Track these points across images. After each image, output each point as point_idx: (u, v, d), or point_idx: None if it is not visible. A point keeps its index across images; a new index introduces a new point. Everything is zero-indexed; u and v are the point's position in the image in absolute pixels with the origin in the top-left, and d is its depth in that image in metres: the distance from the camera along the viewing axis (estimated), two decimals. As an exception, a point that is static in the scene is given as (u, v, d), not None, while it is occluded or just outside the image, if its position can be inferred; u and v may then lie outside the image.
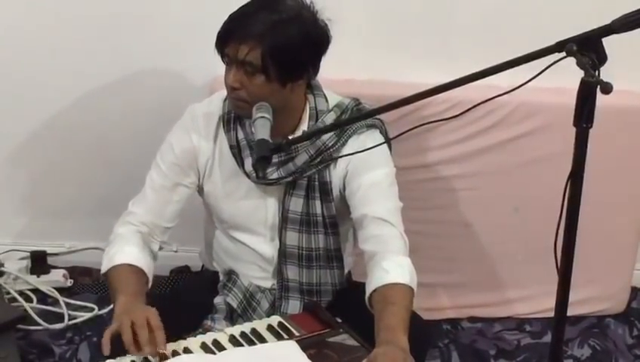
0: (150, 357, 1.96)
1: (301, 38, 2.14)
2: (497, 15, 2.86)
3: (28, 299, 2.98)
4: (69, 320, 2.90)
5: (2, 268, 3.06)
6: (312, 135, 2.19)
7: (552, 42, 1.62)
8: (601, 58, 1.61)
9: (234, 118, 2.29)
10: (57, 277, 3.09)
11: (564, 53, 1.61)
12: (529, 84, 1.69)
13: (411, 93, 1.85)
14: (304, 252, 2.34)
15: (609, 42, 1.61)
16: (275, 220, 2.34)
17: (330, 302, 2.39)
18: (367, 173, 2.24)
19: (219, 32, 2.16)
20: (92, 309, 2.93)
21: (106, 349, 1.97)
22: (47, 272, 3.10)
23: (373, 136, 2.27)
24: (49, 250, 3.15)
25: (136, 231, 2.27)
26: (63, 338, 2.82)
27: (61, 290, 3.02)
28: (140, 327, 1.97)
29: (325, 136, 2.24)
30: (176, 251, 3.04)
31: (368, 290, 2.14)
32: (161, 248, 2.35)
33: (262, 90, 2.15)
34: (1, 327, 2.51)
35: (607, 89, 1.56)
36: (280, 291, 2.38)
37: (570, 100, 1.63)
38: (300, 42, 2.14)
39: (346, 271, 2.44)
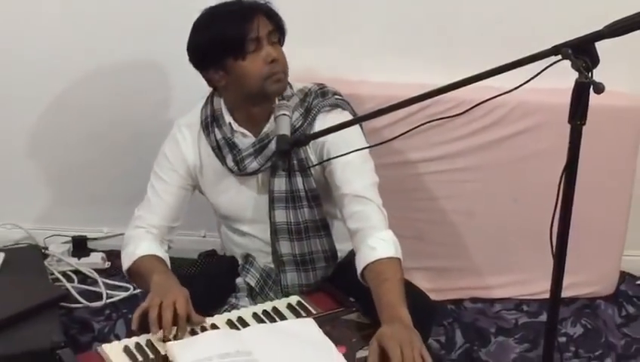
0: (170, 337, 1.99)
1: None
2: (498, 22, 2.86)
3: (70, 280, 3.01)
4: (107, 298, 2.93)
5: (46, 252, 3.09)
6: (323, 133, 2.15)
7: (548, 46, 1.63)
8: (594, 61, 1.61)
9: (211, 121, 2.32)
10: (96, 259, 3.13)
11: (559, 56, 1.62)
12: (527, 85, 1.69)
13: (419, 93, 1.86)
14: (293, 226, 2.33)
15: (601, 46, 1.62)
16: (265, 205, 2.34)
17: (332, 271, 2.40)
18: (340, 153, 2.18)
19: (234, 26, 2.17)
20: (127, 289, 2.95)
21: (135, 324, 2.01)
22: (87, 255, 3.14)
23: (342, 116, 2.26)
24: (89, 235, 3.18)
25: (146, 232, 2.31)
26: (102, 315, 2.85)
27: (99, 271, 3.06)
28: (166, 309, 1.99)
29: (292, 118, 2.22)
30: (204, 236, 3.06)
31: (359, 267, 2.15)
32: (169, 247, 2.37)
33: (284, 56, 2.24)
34: (45, 305, 2.53)
35: (599, 89, 1.57)
36: (277, 267, 2.38)
37: (564, 100, 1.64)
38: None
39: (344, 244, 2.41)
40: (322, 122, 2.24)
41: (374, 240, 2.14)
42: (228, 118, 2.31)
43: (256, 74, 2.20)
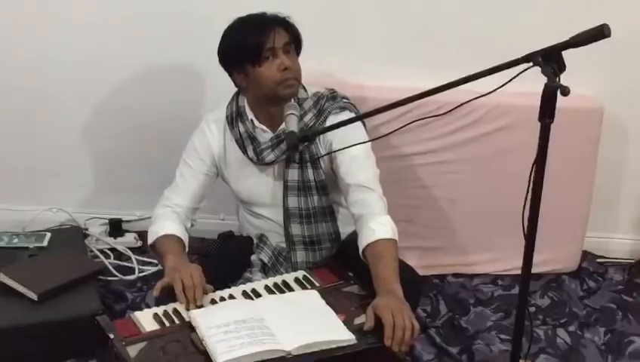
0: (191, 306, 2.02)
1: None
2: (478, 34, 2.86)
3: (106, 256, 3.00)
4: (139, 273, 2.92)
5: (87, 232, 3.09)
6: (329, 129, 2.19)
7: (521, 55, 1.63)
8: (561, 67, 1.62)
9: (235, 117, 2.33)
10: (130, 239, 3.12)
11: (531, 63, 1.62)
12: (502, 88, 1.70)
13: (410, 95, 1.87)
14: (303, 211, 2.33)
15: (567, 54, 1.62)
16: (280, 191, 2.34)
17: (335, 249, 2.40)
18: (347, 150, 2.21)
19: (253, 37, 2.19)
20: (156, 264, 2.94)
21: (156, 292, 2.05)
22: (121, 235, 3.13)
23: (347, 116, 2.25)
24: (123, 218, 3.17)
25: (172, 212, 2.31)
26: (134, 287, 2.84)
27: (132, 249, 3.05)
28: (189, 290, 2.02)
29: (306, 118, 2.27)
30: (223, 219, 3.06)
31: (361, 246, 2.16)
32: (192, 225, 2.37)
33: (298, 64, 2.25)
34: (86, 278, 2.54)
35: (565, 92, 1.58)
36: (288, 246, 2.38)
37: (535, 102, 1.64)
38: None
39: (347, 228, 2.42)
40: (332, 122, 2.24)
41: (374, 224, 2.15)
42: (250, 115, 2.32)
43: (271, 79, 2.20)
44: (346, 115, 2.28)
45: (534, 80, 1.64)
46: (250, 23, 2.24)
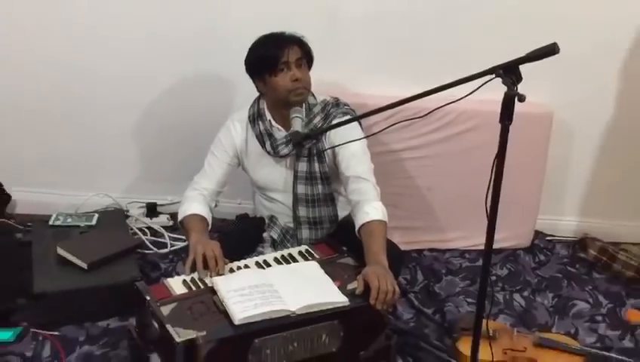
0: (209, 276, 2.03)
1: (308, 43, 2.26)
2: (451, 51, 2.85)
3: (144, 233, 2.99)
4: (170, 247, 2.92)
5: (127, 213, 3.09)
6: (327, 129, 2.21)
7: (485, 67, 1.63)
8: (519, 78, 1.61)
9: (256, 117, 2.33)
10: (163, 219, 3.11)
11: (494, 75, 1.62)
12: (470, 96, 1.70)
13: (394, 101, 1.87)
14: (309, 197, 2.34)
15: (524, 67, 1.61)
16: (290, 179, 2.34)
17: (334, 229, 2.39)
18: (347, 147, 2.23)
19: (271, 51, 2.20)
20: (185, 240, 2.93)
21: (188, 272, 2.06)
22: (156, 216, 3.12)
23: (352, 124, 2.24)
24: (158, 202, 3.16)
25: (199, 194, 2.31)
26: (166, 259, 2.84)
27: (165, 227, 3.04)
28: (210, 259, 2.03)
29: (315, 120, 2.29)
30: (239, 203, 3.05)
31: (357, 225, 2.18)
32: (216, 205, 2.37)
33: (308, 77, 2.26)
34: (127, 251, 2.54)
35: (522, 99, 1.57)
36: (295, 225, 2.38)
37: (496, 107, 1.64)
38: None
39: (344, 212, 2.42)
40: (339, 127, 2.24)
41: (369, 208, 2.16)
42: (268, 116, 2.32)
43: (284, 87, 2.21)
44: (347, 118, 2.28)
45: (495, 90, 1.64)
46: (271, 39, 2.24)
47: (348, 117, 2.28)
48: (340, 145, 2.21)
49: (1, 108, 3.00)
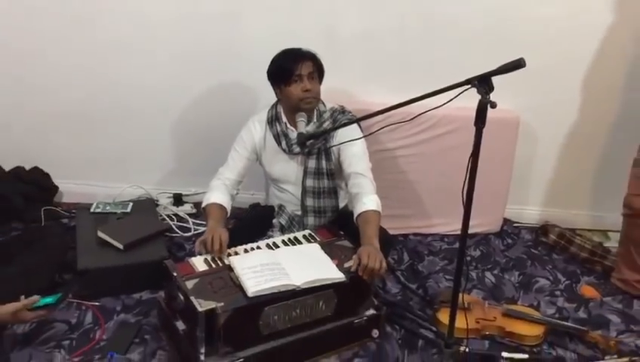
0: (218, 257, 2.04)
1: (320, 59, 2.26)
2: (433, 63, 2.84)
3: (171, 219, 2.98)
4: (194, 231, 2.91)
5: (157, 202, 3.07)
6: (328, 131, 2.22)
7: (462, 79, 1.62)
8: (491, 88, 1.61)
9: (274, 119, 2.33)
10: (187, 207, 3.09)
11: (469, 85, 1.61)
12: (449, 103, 1.69)
13: (385, 107, 1.86)
14: (316, 189, 2.34)
15: (495, 79, 1.60)
16: (301, 174, 2.34)
17: (335, 217, 2.39)
18: (350, 148, 2.25)
19: (287, 64, 2.20)
20: (206, 226, 2.93)
21: (197, 248, 2.07)
22: (182, 205, 3.11)
23: (353, 127, 2.25)
24: (183, 193, 3.15)
25: (222, 184, 2.30)
26: (190, 241, 2.83)
27: (189, 215, 3.03)
28: (215, 242, 2.04)
29: (325, 125, 2.29)
30: (252, 194, 3.04)
31: (355, 214, 2.18)
32: (237, 193, 2.37)
33: (318, 88, 2.26)
34: (156, 234, 2.53)
35: (494, 105, 1.57)
36: (302, 213, 2.38)
37: (471, 113, 1.63)
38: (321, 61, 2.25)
39: (343, 203, 2.43)
40: (342, 130, 2.25)
41: (366, 199, 2.17)
42: (284, 119, 2.32)
43: (295, 96, 2.21)
44: (352, 125, 2.26)
45: (471, 98, 1.64)
46: (288, 54, 2.24)
47: (355, 126, 2.27)
48: (345, 142, 2.20)
49: (45, 113, 2.99)
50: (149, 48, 2.87)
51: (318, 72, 2.26)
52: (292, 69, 2.19)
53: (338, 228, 2.28)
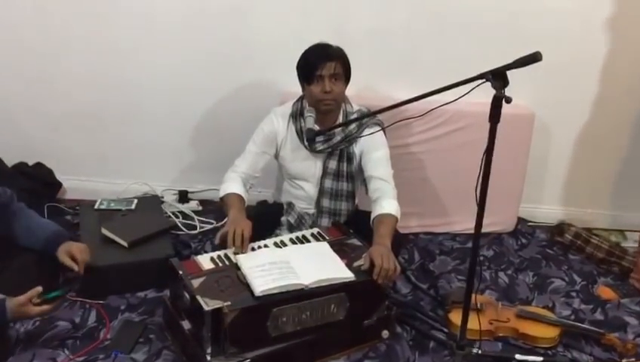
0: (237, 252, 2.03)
1: (347, 58, 2.23)
2: (447, 58, 2.83)
3: (177, 216, 2.99)
4: (200, 229, 2.91)
5: (163, 199, 3.07)
6: (336, 127, 2.22)
7: (475, 73, 1.62)
8: (506, 83, 1.60)
9: (299, 114, 2.31)
10: (193, 205, 3.10)
11: (484, 80, 1.61)
12: (462, 98, 1.69)
13: (397, 102, 1.86)
14: (334, 191, 2.34)
15: (510, 73, 1.60)
16: (319, 173, 2.34)
17: (347, 220, 2.39)
18: (375, 152, 2.27)
19: (310, 63, 2.19)
20: (212, 223, 2.95)
21: (217, 240, 2.06)
22: (187, 202, 3.11)
23: (377, 132, 2.28)
24: (189, 189, 3.15)
25: (238, 177, 2.30)
26: (196, 239, 2.84)
27: (195, 212, 3.03)
28: (237, 237, 2.03)
29: (351, 127, 2.29)
30: (260, 192, 3.03)
31: (372, 216, 2.18)
32: (250, 187, 2.36)
33: (341, 90, 2.25)
34: (162, 231, 2.54)
35: (509, 101, 1.56)
36: (317, 213, 2.38)
37: (484, 109, 1.63)
38: (348, 60, 2.23)
39: (355, 202, 2.43)
40: (367, 132, 2.28)
41: (385, 203, 2.18)
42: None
43: (315, 96, 2.21)
44: (376, 127, 2.30)
45: (484, 92, 1.63)
46: (314, 52, 2.22)
47: (376, 126, 2.30)
48: (363, 135, 2.20)
49: (55, 111, 3.00)
50: (157, 46, 2.88)
51: (345, 72, 2.23)
52: (314, 68, 2.18)
53: (349, 228, 2.28)
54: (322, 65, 2.17)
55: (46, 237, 2.16)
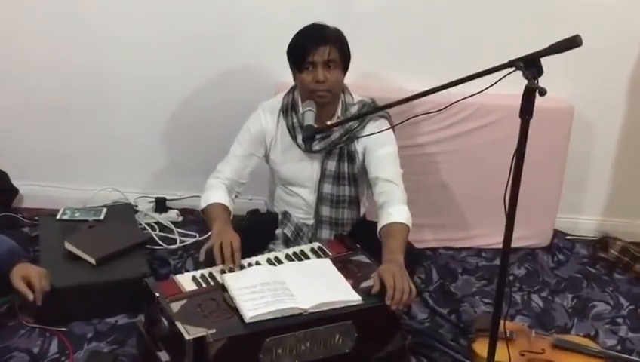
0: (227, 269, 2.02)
1: (346, 42, 2.21)
2: (468, 44, 2.84)
3: (153, 229, 2.99)
4: (180, 243, 2.92)
5: (136, 208, 3.08)
6: (339, 123, 2.21)
7: (502, 61, 1.61)
8: (540, 72, 1.60)
9: (290, 107, 2.30)
10: (172, 214, 3.10)
11: (514, 68, 1.61)
12: (489, 90, 1.69)
13: (409, 95, 1.86)
14: (334, 198, 2.33)
15: (544, 60, 1.60)
16: (317, 177, 2.34)
17: (352, 231, 2.38)
18: (379, 149, 2.25)
19: (300, 47, 2.18)
20: (194, 236, 2.95)
21: (202, 257, 2.05)
22: (165, 211, 3.11)
23: (384, 123, 2.27)
24: (167, 197, 3.16)
25: (221, 183, 2.30)
26: (176, 255, 2.84)
27: (174, 223, 3.04)
28: (226, 247, 2.02)
29: (351, 123, 2.25)
30: (250, 199, 3.04)
31: (379, 226, 2.17)
32: (236, 196, 2.35)
33: (338, 79, 2.22)
34: (136, 246, 2.54)
35: (543, 92, 1.56)
36: (316, 224, 2.37)
37: (514, 102, 1.63)
38: (347, 44, 2.21)
39: (362, 212, 2.43)
40: (371, 126, 2.27)
41: (394, 210, 2.17)
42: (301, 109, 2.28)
43: (306, 86, 2.21)
44: (383, 122, 2.29)
45: (514, 82, 1.62)
46: (306, 34, 2.21)
47: (383, 120, 2.29)
48: (365, 136, 2.19)
49: (9, 103, 3.01)
50: (130, 26, 2.89)
51: (342, 59, 2.22)
52: (305, 53, 2.16)
53: (355, 241, 2.28)
54: (314, 50, 2.15)
55: None
